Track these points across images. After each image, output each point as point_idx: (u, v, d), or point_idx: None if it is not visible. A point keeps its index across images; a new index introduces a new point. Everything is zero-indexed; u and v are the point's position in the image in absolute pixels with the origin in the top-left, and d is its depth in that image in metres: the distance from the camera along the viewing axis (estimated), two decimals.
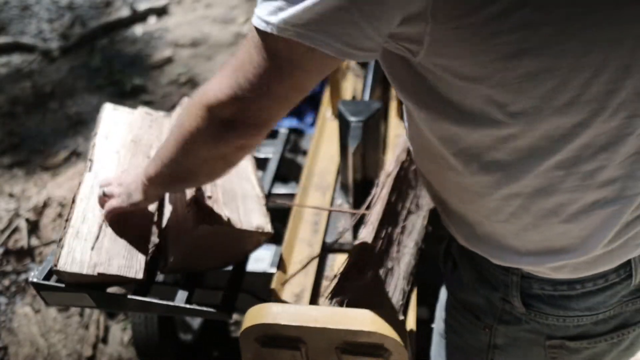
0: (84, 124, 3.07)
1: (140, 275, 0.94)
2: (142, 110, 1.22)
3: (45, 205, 2.42)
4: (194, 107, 0.70)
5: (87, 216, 0.97)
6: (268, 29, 0.59)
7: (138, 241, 0.98)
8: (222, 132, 0.69)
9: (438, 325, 0.99)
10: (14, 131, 3.02)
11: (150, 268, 1.02)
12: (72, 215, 0.96)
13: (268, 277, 1.09)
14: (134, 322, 1.69)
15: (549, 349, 0.82)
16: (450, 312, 0.92)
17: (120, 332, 2.06)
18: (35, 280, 0.96)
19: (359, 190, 1.18)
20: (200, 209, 0.93)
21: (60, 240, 0.92)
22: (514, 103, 0.61)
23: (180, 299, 0.99)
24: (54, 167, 2.79)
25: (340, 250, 1.15)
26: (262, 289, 1.06)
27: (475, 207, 0.75)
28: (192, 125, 0.71)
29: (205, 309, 0.97)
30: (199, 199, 0.94)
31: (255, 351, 0.82)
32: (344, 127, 1.12)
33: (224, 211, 0.96)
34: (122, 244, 0.95)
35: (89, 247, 0.92)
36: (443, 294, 0.96)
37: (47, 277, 0.97)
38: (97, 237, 0.94)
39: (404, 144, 1.02)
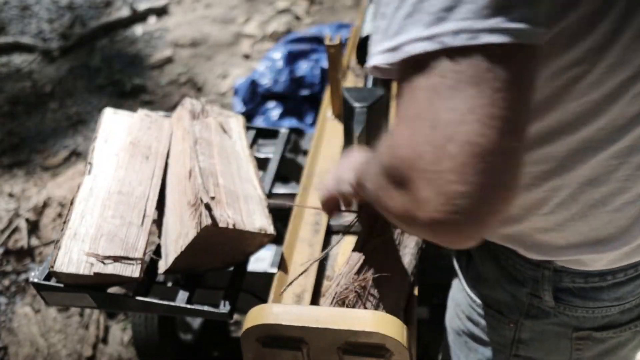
0: (84, 124, 3.07)
1: (136, 274, 0.94)
2: (141, 113, 1.23)
3: (45, 205, 2.42)
4: (400, 212, 0.51)
5: (86, 218, 0.97)
6: (462, 41, 0.43)
7: (136, 241, 0.98)
8: (438, 235, 0.51)
9: (453, 322, 0.97)
10: (14, 131, 3.02)
11: (150, 268, 1.02)
12: (70, 217, 0.96)
13: (269, 277, 1.09)
14: (134, 322, 1.69)
15: (575, 341, 0.82)
16: (469, 309, 0.91)
17: (120, 332, 2.06)
18: (35, 280, 0.97)
19: None
20: (204, 210, 0.93)
21: (58, 241, 0.93)
22: (590, 94, 0.59)
23: (181, 299, 0.99)
24: (54, 167, 2.79)
25: (346, 232, 1.14)
26: (263, 289, 1.06)
27: (517, 201, 0.71)
28: (398, 218, 0.54)
29: (205, 309, 0.97)
30: (202, 199, 0.94)
31: (257, 351, 0.82)
32: (348, 113, 1.13)
33: (227, 212, 0.96)
34: (119, 244, 0.96)
35: (86, 247, 0.92)
36: (457, 290, 0.95)
37: (48, 277, 0.97)
38: (95, 238, 0.94)
39: None
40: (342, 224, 1.17)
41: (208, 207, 0.93)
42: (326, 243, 1.19)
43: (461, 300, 0.94)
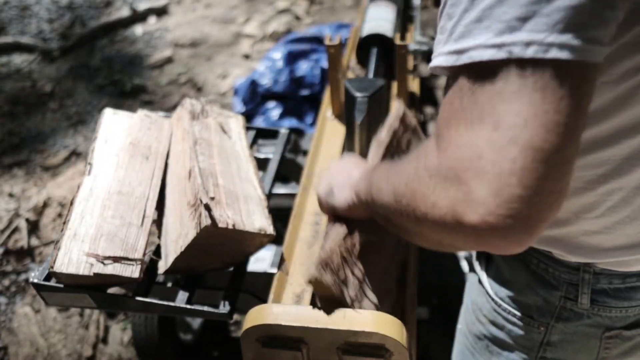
0: (84, 124, 3.07)
1: (136, 275, 0.94)
2: (141, 113, 1.23)
3: (45, 205, 2.43)
4: (444, 214, 0.50)
5: (85, 218, 0.97)
6: (532, 53, 0.44)
7: (135, 241, 0.98)
8: (484, 240, 0.50)
9: (473, 327, 0.95)
10: (14, 131, 3.02)
11: (150, 269, 1.02)
12: (70, 217, 0.96)
13: (269, 277, 1.09)
14: (134, 322, 1.69)
15: (604, 340, 0.82)
16: (493, 313, 0.90)
17: (120, 332, 2.06)
18: (35, 280, 0.97)
19: None
20: (204, 210, 0.93)
21: (58, 242, 0.93)
22: None
23: (181, 299, 0.99)
24: (54, 167, 2.79)
25: None
26: (263, 289, 1.06)
27: (566, 204, 0.68)
28: (434, 228, 0.53)
29: (205, 309, 0.97)
30: (201, 200, 0.94)
31: (257, 352, 0.82)
32: (350, 103, 1.16)
33: (226, 212, 0.96)
34: (118, 244, 0.96)
35: (86, 248, 0.93)
36: (478, 294, 0.93)
37: (48, 277, 0.97)
38: (94, 238, 0.94)
39: (397, 112, 0.97)
40: None
41: (208, 207, 0.93)
42: None
43: (483, 304, 0.92)
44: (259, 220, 1.01)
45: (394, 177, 0.60)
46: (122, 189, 1.03)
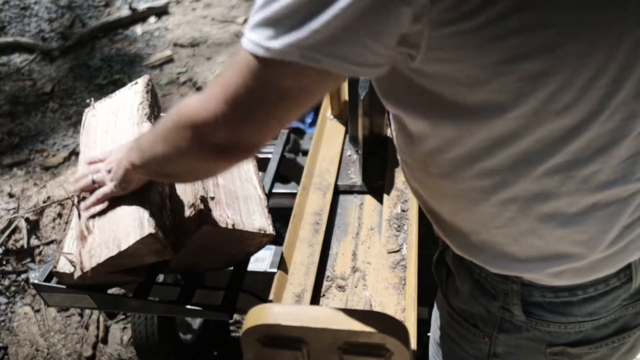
0: None
1: (140, 276, 0.94)
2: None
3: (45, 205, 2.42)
4: (181, 126, 0.69)
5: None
6: (268, 55, 0.57)
7: None
8: (211, 155, 0.68)
9: (435, 334, 0.98)
10: (14, 131, 3.02)
11: (150, 268, 1.02)
12: (72, 218, 0.96)
13: (269, 277, 1.09)
14: (134, 322, 1.69)
15: (549, 356, 0.82)
16: (448, 321, 0.91)
17: (120, 332, 2.06)
18: (36, 281, 0.96)
19: (366, 141, 1.29)
20: (203, 210, 0.93)
21: (60, 242, 0.92)
22: (513, 107, 0.60)
23: (181, 299, 0.99)
24: (54, 166, 2.79)
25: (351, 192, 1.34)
26: (263, 289, 1.06)
27: (470, 214, 0.74)
28: (178, 145, 0.71)
29: (205, 309, 0.97)
30: (201, 199, 0.94)
31: (257, 351, 0.82)
32: (354, 81, 1.26)
33: (226, 212, 0.96)
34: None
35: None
36: (439, 302, 0.95)
37: (48, 278, 0.97)
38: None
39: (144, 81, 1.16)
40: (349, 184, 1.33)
41: (207, 207, 0.93)
42: (326, 243, 1.19)
43: (442, 312, 0.94)
44: (259, 220, 1.01)
45: (144, 145, 0.81)
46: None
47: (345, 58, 0.56)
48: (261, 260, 1.30)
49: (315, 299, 1.06)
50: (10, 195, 2.56)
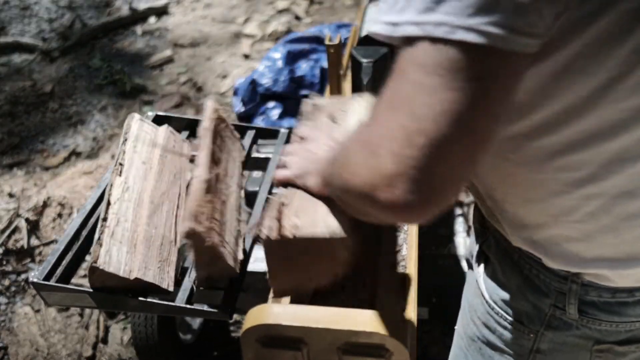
0: (84, 124, 3.07)
1: (171, 288, 0.94)
2: (167, 130, 1.20)
3: (45, 205, 2.43)
4: (359, 190, 0.55)
5: (120, 220, 0.95)
6: (442, 33, 0.46)
7: (169, 255, 0.98)
8: (392, 215, 0.56)
9: (467, 328, 0.95)
10: (14, 131, 3.02)
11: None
12: (108, 216, 0.95)
13: None
14: (134, 322, 1.69)
15: (595, 353, 0.81)
16: (486, 316, 0.89)
17: (120, 332, 2.06)
18: (35, 280, 0.96)
19: None
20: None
21: (99, 238, 0.90)
22: (629, 97, 0.57)
23: (181, 299, 0.99)
24: (54, 167, 2.79)
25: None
26: (263, 289, 1.06)
27: (543, 206, 0.70)
28: (358, 203, 0.60)
29: (205, 309, 0.97)
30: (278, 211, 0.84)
31: (257, 352, 0.82)
32: (357, 68, 1.29)
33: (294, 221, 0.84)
34: (155, 253, 0.95)
35: (125, 250, 0.91)
36: (473, 295, 0.93)
37: (48, 277, 0.97)
38: (132, 242, 0.94)
39: (210, 107, 1.10)
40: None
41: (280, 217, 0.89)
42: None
43: (478, 305, 0.91)
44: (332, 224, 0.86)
45: (338, 156, 0.66)
46: (153, 199, 1.02)
47: (524, 29, 0.47)
48: (261, 260, 1.30)
49: (315, 299, 1.06)
50: (10, 195, 2.56)
